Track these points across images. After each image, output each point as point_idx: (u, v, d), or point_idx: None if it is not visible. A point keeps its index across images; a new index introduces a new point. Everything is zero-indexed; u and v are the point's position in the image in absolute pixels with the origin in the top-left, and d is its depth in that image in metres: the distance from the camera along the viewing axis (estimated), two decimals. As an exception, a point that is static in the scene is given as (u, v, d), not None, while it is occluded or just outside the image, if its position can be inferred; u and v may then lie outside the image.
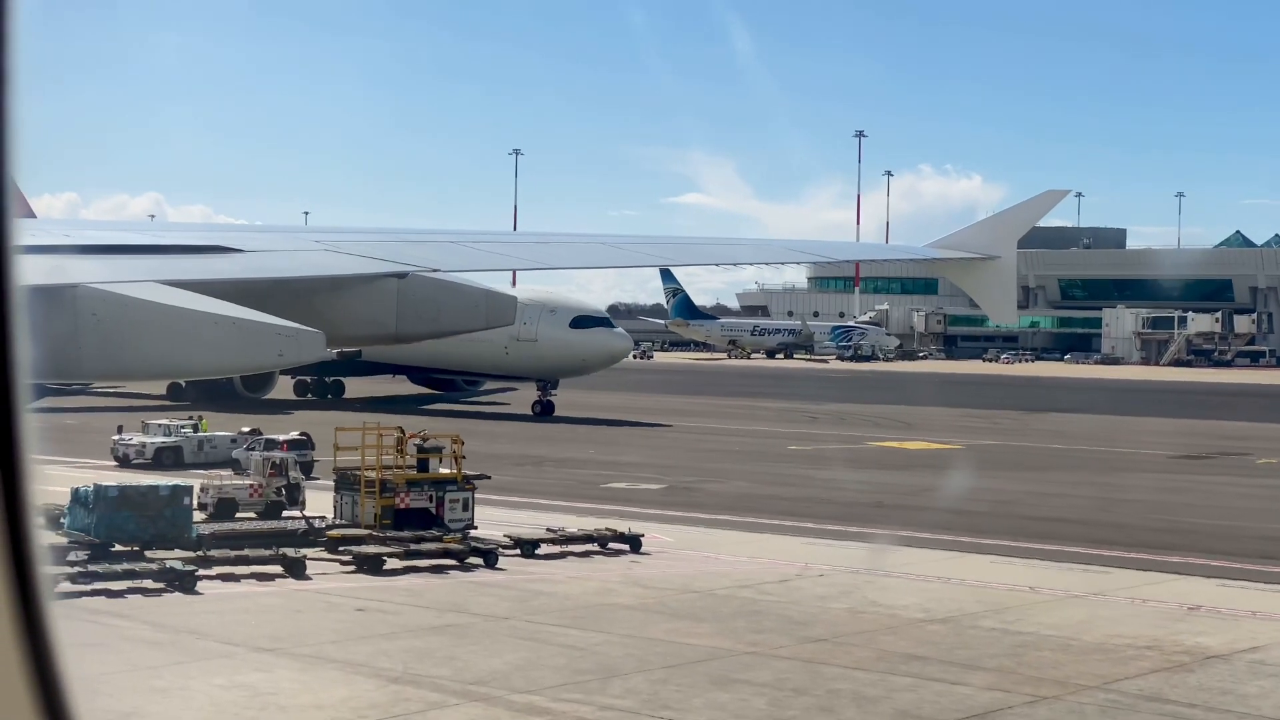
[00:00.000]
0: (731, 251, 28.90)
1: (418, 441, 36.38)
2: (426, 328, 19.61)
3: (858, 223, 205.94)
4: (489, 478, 38.19)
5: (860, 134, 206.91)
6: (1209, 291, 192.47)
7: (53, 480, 45.81)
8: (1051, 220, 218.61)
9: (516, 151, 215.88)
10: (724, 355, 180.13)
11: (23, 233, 3.13)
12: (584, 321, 76.52)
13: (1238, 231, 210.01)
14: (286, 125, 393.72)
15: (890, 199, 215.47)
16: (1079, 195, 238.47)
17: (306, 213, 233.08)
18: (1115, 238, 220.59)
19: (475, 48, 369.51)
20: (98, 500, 31.84)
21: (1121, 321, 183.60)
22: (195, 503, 34.04)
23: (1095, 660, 23.48)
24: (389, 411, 78.07)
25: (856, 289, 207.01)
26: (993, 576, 31.32)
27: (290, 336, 15.37)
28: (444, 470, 36.50)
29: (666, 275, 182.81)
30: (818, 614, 27.17)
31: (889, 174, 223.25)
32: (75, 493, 33.01)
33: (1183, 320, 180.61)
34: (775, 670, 22.64)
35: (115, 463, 50.89)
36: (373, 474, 35.41)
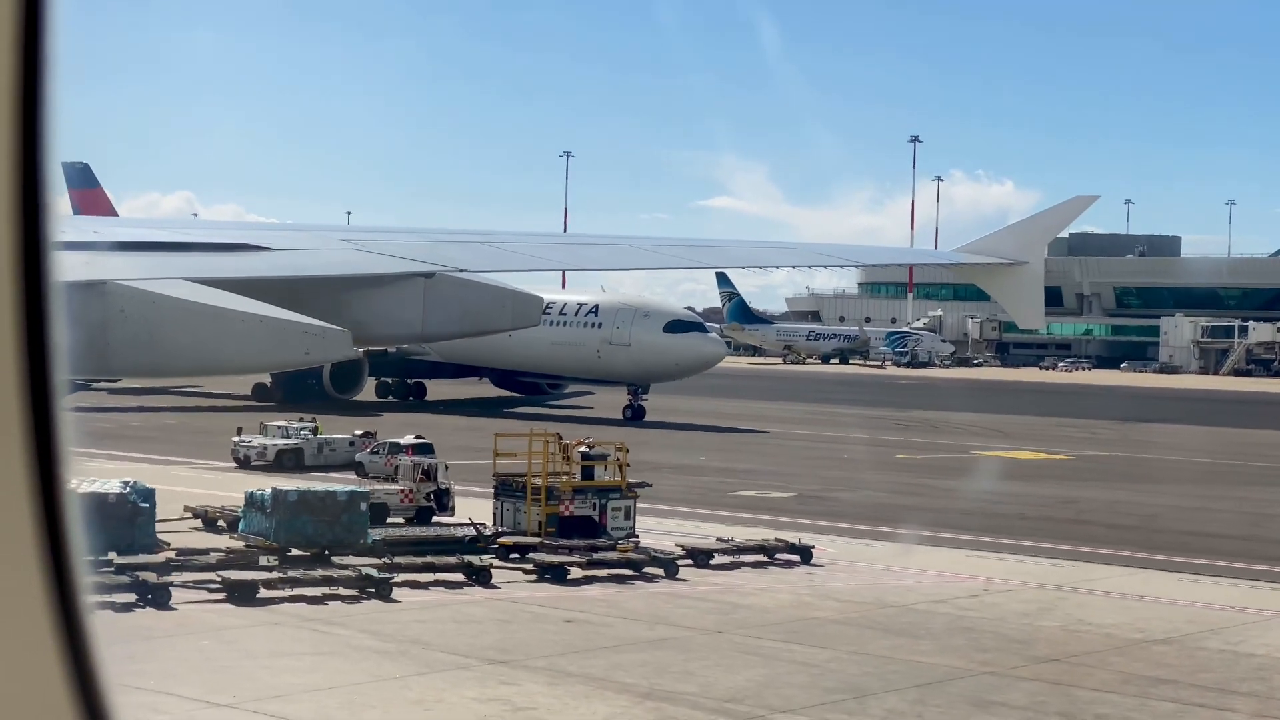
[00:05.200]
0: (760, 254, 28.62)
1: (583, 449, 36.01)
2: (453, 327, 19.39)
3: (912, 228, 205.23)
4: (650, 485, 37.84)
5: (915, 139, 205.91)
6: (1266, 300, 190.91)
7: (179, 480, 45.70)
8: (1104, 227, 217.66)
9: (568, 154, 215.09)
10: (779, 360, 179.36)
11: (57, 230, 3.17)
12: (678, 326, 76.00)
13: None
14: (324, 126, 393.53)
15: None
16: (1129, 202, 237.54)
17: (349, 213, 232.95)
18: (1170, 246, 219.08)
19: (509, 51, 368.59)
20: (276, 504, 31.58)
21: (1180, 330, 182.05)
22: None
23: (1349, 685, 22.96)
24: (474, 414, 77.81)
25: (910, 295, 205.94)
26: (1185, 594, 30.77)
27: (317, 335, 15.25)
28: (606, 477, 36.16)
29: (722, 279, 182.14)
30: (1032, 632, 26.69)
31: (939, 179, 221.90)
32: (250, 496, 32.80)
33: (1243, 329, 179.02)
34: (1026, 692, 22.17)
35: (235, 464, 50.62)
36: (539, 481, 35.07)
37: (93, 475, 33.33)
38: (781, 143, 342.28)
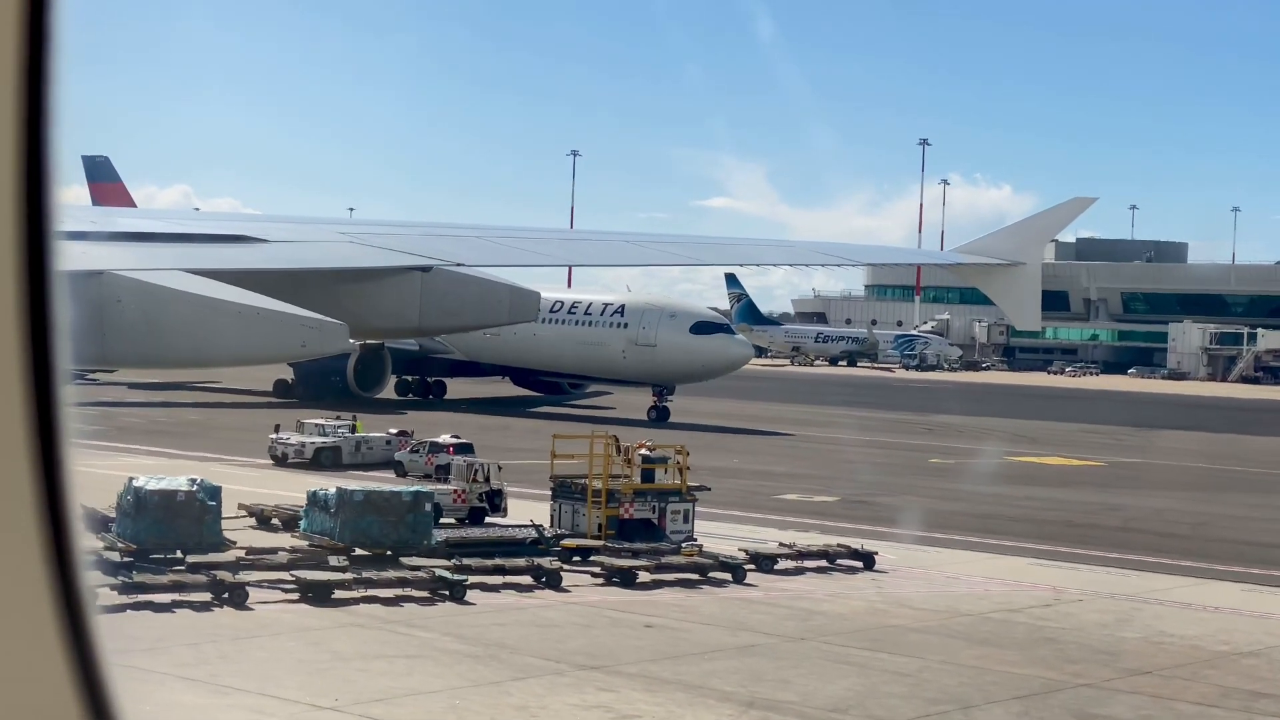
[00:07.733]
0: (757, 252, 28.39)
1: (644, 452, 35.78)
2: (449, 321, 19.23)
3: (920, 230, 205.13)
4: (709, 489, 37.60)
5: (924, 142, 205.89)
6: (1273, 308, 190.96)
7: (219, 477, 45.17)
8: (1108, 233, 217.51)
9: (574, 153, 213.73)
10: (786, 361, 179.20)
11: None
12: (705, 327, 75.70)
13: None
14: (328, 122, 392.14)
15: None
16: (1133, 208, 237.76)
17: (351, 209, 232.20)
18: (1177, 251, 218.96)
19: (510, 50, 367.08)
20: (341, 504, 31.30)
21: (1188, 336, 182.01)
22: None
23: None
24: (497, 413, 77.50)
25: (916, 297, 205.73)
26: (1257, 606, 30.58)
27: (313, 327, 15.15)
28: (665, 480, 35.92)
29: (731, 280, 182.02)
30: (1116, 643, 26.46)
31: (945, 182, 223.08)
32: (313, 495, 32.52)
33: (1251, 336, 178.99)
34: (1128, 705, 21.95)
35: (273, 461, 50.32)
36: (599, 483, 34.82)
37: (160, 473, 33.09)
38: (780, 144, 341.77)
